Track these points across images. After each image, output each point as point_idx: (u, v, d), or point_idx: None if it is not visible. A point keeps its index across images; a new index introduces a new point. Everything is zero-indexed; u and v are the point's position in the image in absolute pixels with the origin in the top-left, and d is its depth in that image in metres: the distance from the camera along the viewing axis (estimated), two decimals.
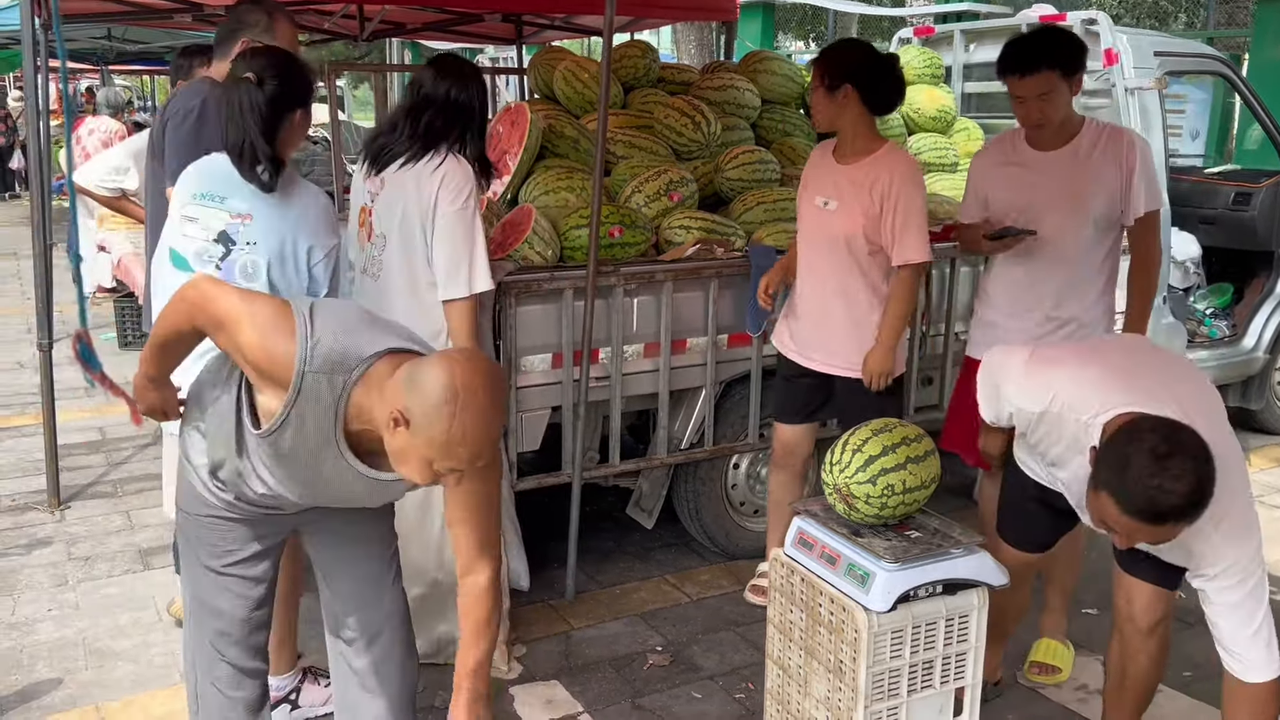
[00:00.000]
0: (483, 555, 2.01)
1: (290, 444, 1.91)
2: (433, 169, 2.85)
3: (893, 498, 2.46)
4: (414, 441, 1.74)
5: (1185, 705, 3.04)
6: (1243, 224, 5.42)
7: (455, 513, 1.99)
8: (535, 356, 3.38)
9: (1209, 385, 2.42)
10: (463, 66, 2.99)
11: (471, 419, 1.71)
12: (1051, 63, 2.97)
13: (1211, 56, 5.40)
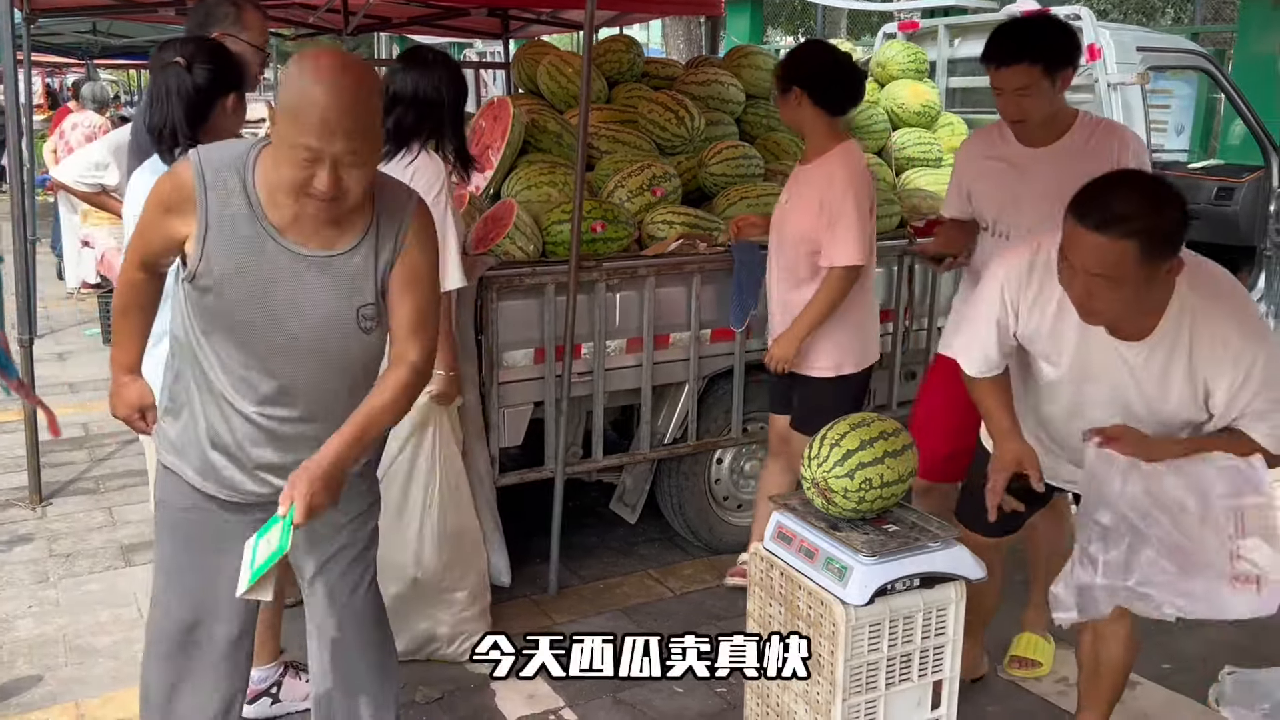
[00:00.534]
0: (415, 338, 2.01)
1: (221, 269, 1.90)
2: (404, 167, 2.86)
3: (870, 492, 2.46)
4: (279, 129, 1.80)
5: (1164, 697, 3.07)
6: (1226, 219, 5.45)
7: (393, 294, 1.99)
8: (518, 352, 3.38)
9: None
10: (428, 58, 2.98)
11: (323, 88, 1.76)
12: (1033, 56, 2.80)
13: (1194, 52, 5.42)
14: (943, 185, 4.87)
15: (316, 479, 1.89)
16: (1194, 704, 3.03)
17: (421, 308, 2.02)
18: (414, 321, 2.01)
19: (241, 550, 1.99)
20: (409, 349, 2.02)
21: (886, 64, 5.20)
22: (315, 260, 1.94)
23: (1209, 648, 3.34)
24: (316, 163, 1.79)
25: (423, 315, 2.02)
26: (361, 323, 1.99)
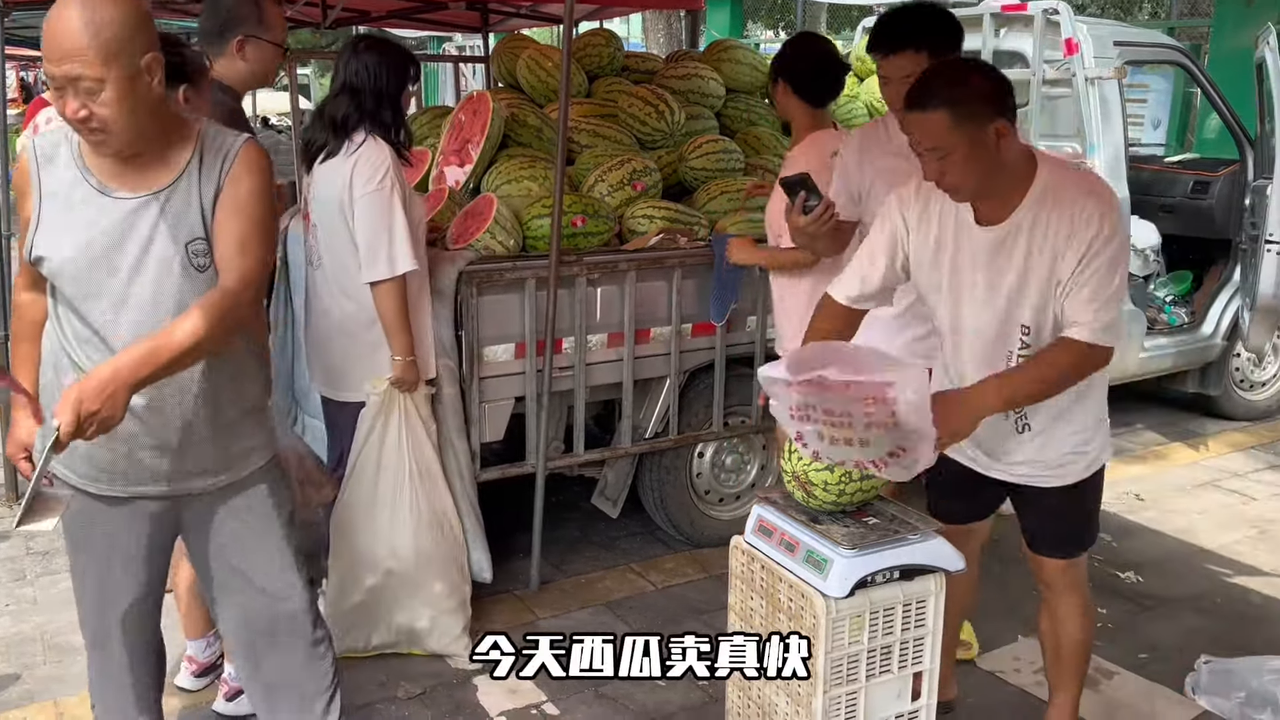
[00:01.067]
0: (234, 261, 1.95)
1: (52, 233, 1.90)
2: (349, 154, 2.88)
3: (850, 485, 2.47)
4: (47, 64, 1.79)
5: (1141, 687, 3.10)
6: (1201, 212, 5.49)
7: (219, 220, 1.95)
8: (498, 347, 3.38)
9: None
10: (367, 45, 2.97)
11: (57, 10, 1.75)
12: (919, 43, 2.67)
13: (1170, 46, 5.46)
14: None
15: (88, 388, 1.74)
16: (1171, 693, 3.07)
17: (243, 234, 1.95)
18: (234, 246, 1.95)
19: (132, 547, 2.03)
20: (227, 272, 1.95)
21: (866, 58, 5.20)
22: (136, 202, 1.91)
23: (1185, 637, 3.37)
24: (63, 90, 1.79)
25: (243, 241, 1.95)
26: (193, 259, 1.94)
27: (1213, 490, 4.70)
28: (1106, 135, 4.80)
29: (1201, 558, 4.00)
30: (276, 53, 3.04)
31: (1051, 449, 2.48)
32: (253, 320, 2.07)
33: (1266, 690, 2.90)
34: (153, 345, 1.82)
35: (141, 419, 1.97)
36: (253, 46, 2.98)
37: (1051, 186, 2.24)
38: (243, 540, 2.15)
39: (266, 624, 2.20)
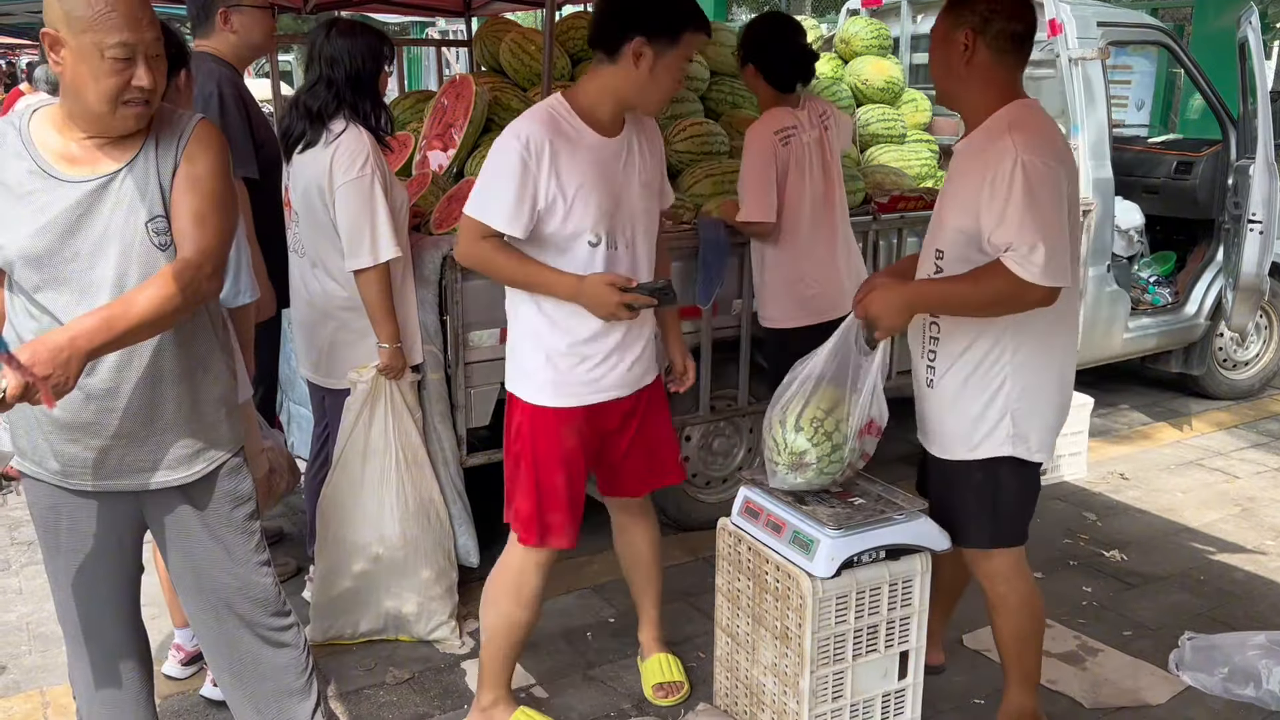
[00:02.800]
0: (191, 233, 1.92)
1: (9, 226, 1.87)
2: (328, 143, 2.86)
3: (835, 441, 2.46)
4: (76, 40, 1.77)
5: (1125, 664, 3.12)
6: (1184, 193, 5.51)
7: (176, 193, 1.93)
8: (483, 331, 3.36)
9: None
10: (340, 30, 2.92)
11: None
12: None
13: (1153, 27, 5.46)
14: (905, 162, 4.91)
15: (40, 351, 1.68)
16: (1155, 669, 3.09)
17: (200, 208, 1.93)
18: (192, 220, 1.93)
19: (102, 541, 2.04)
20: (185, 245, 1.92)
21: (850, 40, 5.20)
22: (93, 184, 1.89)
23: (1169, 614, 3.40)
24: (131, 61, 1.79)
25: (200, 214, 1.93)
26: (154, 237, 1.92)
27: (1196, 469, 4.73)
28: (1090, 116, 4.81)
29: (1185, 536, 4.03)
30: (264, 15, 3.01)
31: (945, 415, 2.48)
32: (213, 297, 2.03)
33: (1249, 665, 2.93)
34: (109, 313, 1.78)
35: (111, 409, 1.96)
36: (237, 15, 2.95)
37: (1004, 121, 2.27)
38: (204, 536, 2.12)
39: (232, 618, 2.17)
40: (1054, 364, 2.43)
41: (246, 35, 2.98)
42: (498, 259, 2.40)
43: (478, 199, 2.37)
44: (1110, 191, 4.90)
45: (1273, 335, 5.76)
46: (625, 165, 2.46)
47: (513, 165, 2.30)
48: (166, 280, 1.85)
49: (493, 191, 2.34)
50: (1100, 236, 4.86)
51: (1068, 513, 4.22)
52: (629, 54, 2.29)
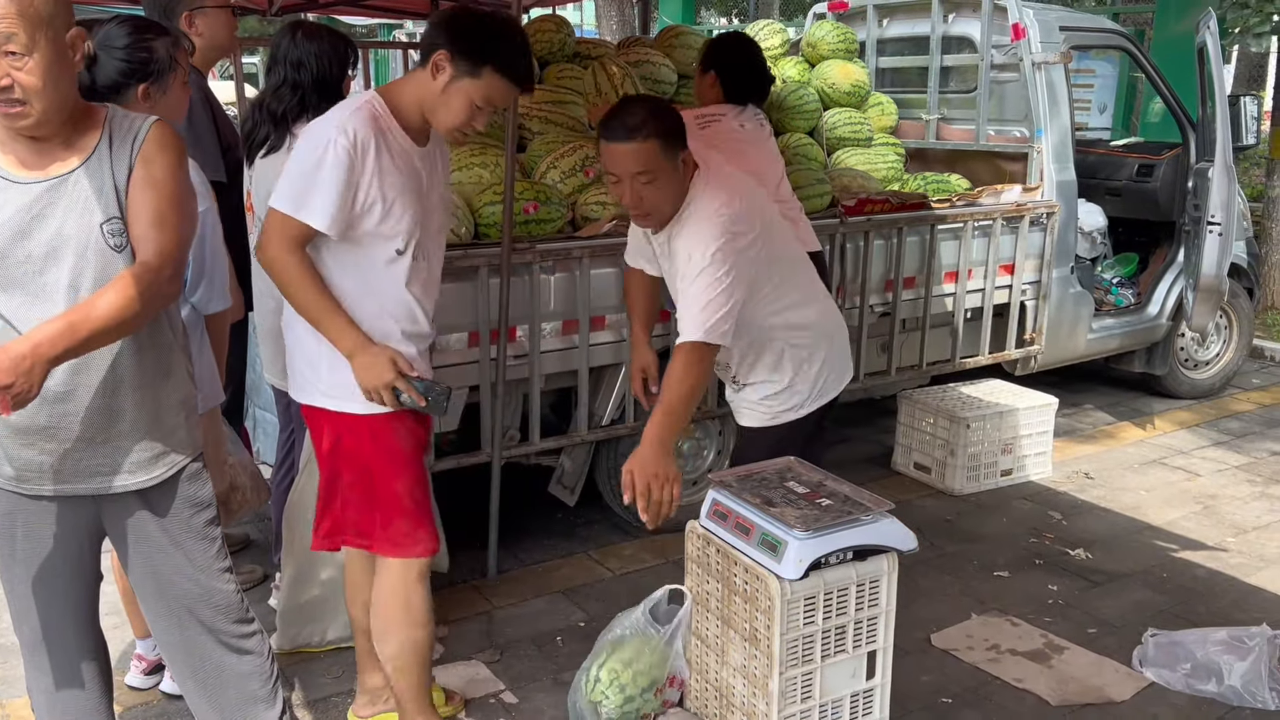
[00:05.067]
0: (149, 235, 1.89)
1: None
2: (291, 148, 2.81)
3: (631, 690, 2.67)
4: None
5: (1090, 661, 3.15)
6: (1146, 195, 5.58)
7: (133, 196, 1.89)
8: (451, 335, 3.35)
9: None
10: (305, 33, 2.89)
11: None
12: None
13: (1114, 31, 5.53)
14: (872, 165, 4.94)
15: (2, 361, 1.67)
16: (1119, 666, 3.12)
17: (158, 210, 1.89)
18: (150, 222, 1.88)
19: (59, 547, 1.99)
20: (144, 247, 1.88)
21: (817, 44, 5.23)
22: (45, 185, 1.85)
23: (1133, 611, 3.44)
24: (8, 37, 1.72)
25: (159, 215, 1.89)
26: (109, 239, 1.87)
27: (1159, 468, 4.79)
28: (1054, 119, 4.86)
29: (1149, 534, 4.08)
30: (227, 16, 2.98)
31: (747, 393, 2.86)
32: (173, 300, 2.00)
33: (1211, 661, 2.97)
34: (71, 319, 1.76)
35: (68, 414, 1.92)
36: (201, 17, 2.91)
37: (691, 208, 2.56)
38: (164, 541, 2.09)
39: (194, 625, 2.14)
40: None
41: (211, 37, 2.95)
42: (303, 281, 2.21)
43: (294, 193, 2.18)
44: (1073, 194, 4.97)
45: (1233, 335, 5.85)
46: (430, 176, 2.37)
47: (340, 161, 2.15)
48: (127, 284, 1.82)
49: (316, 186, 2.16)
50: (1063, 238, 4.92)
51: (1033, 512, 4.26)
52: (432, 63, 2.22)
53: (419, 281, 2.37)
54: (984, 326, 4.77)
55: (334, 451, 2.40)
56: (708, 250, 2.46)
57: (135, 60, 2.39)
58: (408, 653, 2.50)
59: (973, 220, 4.54)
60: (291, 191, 2.19)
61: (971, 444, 4.38)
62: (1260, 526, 4.15)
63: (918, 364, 4.60)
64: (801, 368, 2.79)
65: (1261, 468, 4.79)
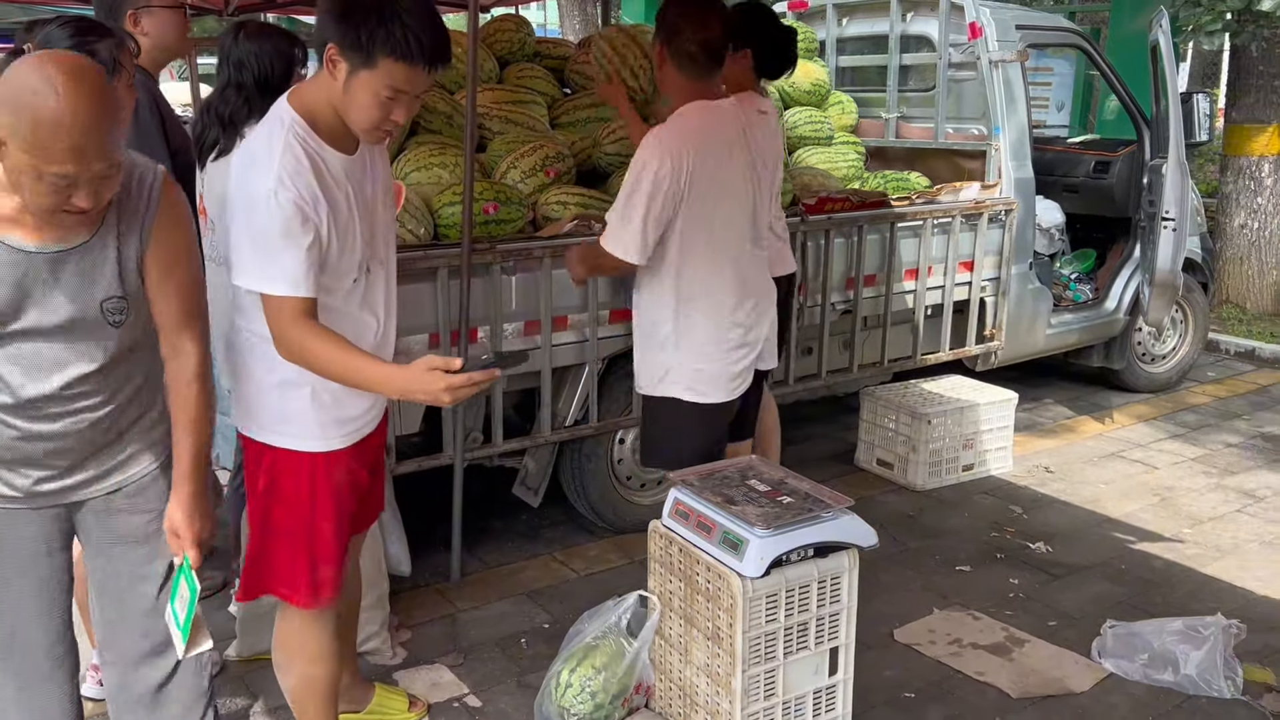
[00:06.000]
0: (187, 332, 1.92)
1: None
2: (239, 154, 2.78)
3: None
4: (16, 155, 1.63)
5: (1050, 653, 3.18)
6: (1102, 191, 5.65)
7: (151, 288, 1.88)
8: (411, 337, 3.32)
9: None
10: (248, 33, 2.84)
11: (55, 104, 1.59)
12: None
13: (1070, 30, 5.60)
14: (833, 164, 4.97)
15: (191, 515, 1.91)
16: (1079, 658, 3.16)
17: (188, 292, 1.91)
18: (182, 310, 1.91)
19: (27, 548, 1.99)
20: (184, 342, 1.92)
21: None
22: (47, 257, 1.80)
23: (1092, 603, 3.48)
24: (73, 186, 1.68)
25: (191, 300, 1.92)
26: (108, 317, 1.86)
27: (1118, 461, 4.86)
28: (1011, 117, 4.91)
29: (1108, 526, 4.13)
30: (175, 16, 2.92)
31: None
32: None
33: (1168, 651, 3.01)
34: (193, 453, 1.98)
35: (60, 450, 1.93)
36: (148, 17, 2.86)
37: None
38: (131, 539, 2.08)
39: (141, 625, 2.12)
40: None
41: (158, 38, 2.89)
42: (319, 347, 2.02)
43: (272, 272, 1.99)
44: (1031, 191, 5.02)
45: (1188, 329, 5.94)
46: (371, 179, 2.22)
47: (296, 220, 1.97)
48: (201, 389, 1.99)
49: (288, 255, 1.98)
50: (1022, 235, 4.97)
51: (994, 506, 4.31)
52: (325, 61, 2.01)
53: (379, 290, 2.30)
54: (944, 323, 4.81)
55: (269, 490, 2.24)
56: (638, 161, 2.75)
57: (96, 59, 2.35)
58: (305, 688, 2.41)
59: (932, 218, 4.57)
60: (269, 270, 2.00)
61: (933, 440, 4.42)
62: (1215, 517, 4.22)
63: (879, 361, 4.63)
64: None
65: (1216, 459, 4.87)
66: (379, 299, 2.29)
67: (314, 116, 2.06)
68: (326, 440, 2.22)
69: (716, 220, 2.84)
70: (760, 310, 3.00)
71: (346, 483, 2.29)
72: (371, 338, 2.27)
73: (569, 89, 4.54)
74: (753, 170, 2.93)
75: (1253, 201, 7.30)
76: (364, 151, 2.19)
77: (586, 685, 2.68)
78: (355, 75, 1.98)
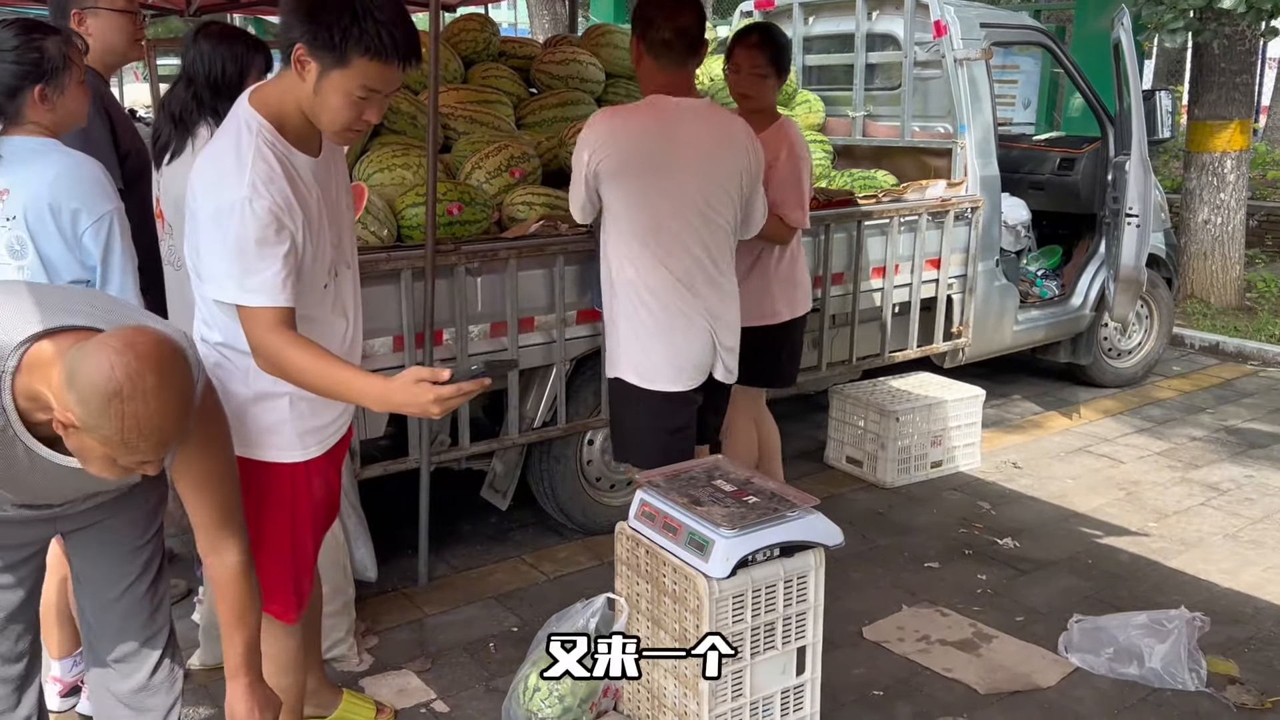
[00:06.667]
0: (225, 531, 1.92)
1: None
2: (196, 152, 2.74)
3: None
4: (89, 441, 1.62)
5: (1017, 648, 3.20)
6: (1067, 188, 5.69)
7: (185, 492, 1.88)
8: (375, 340, 3.29)
9: None
10: (205, 34, 2.81)
11: (143, 409, 1.56)
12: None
13: (1033, 28, 5.63)
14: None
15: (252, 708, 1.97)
16: (1046, 653, 3.18)
17: (222, 500, 1.92)
18: (219, 517, 1.92)
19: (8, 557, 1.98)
20: (223, 541, 1.94)
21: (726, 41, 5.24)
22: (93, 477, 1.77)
23: (1059, 598, 3.50)
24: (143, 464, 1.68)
25: (229, 506, 1.93)
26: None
27: (1084, 455, 4.89)
28: (976, 115, 4.94)
29: (1075, 521, 4.16)
30: (122, 20, 2.88)
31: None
32: None
33: (1133, 645, 3.04)
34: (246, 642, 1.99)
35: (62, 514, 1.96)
36: (93, 18, 2.81)
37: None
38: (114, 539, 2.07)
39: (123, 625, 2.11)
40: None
41: (102, 39, 2.84)
42: (298, 357, 1.96)
43: (250, 283, 1.93)
44: (997, 188, 5.04)
45: (1153, 324, 6.00)
46: (335, 180, 2.18)
47: (272, 229, 1.93)
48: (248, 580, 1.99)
49: (265, 265, 1.93)
50: (988, 232, 5.00)
51: (963, 502, 4.33)
52: (294, 62, 1.94)
53: (347, 290, 2.27)
54: (912, 320, 4.83)
55: (259, 506, 2.19)
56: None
57: (26, 61, 2.32)
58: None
59: (899, 216, 4.59)
60: (246, 280, 1.94)
61: (901, 437, 4.43)
62: (1180, 511, 4.26)
63: (848, 359, 4.64)
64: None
65: (1181, 453, 4.92)
66: (348, 301, 2.27)
67: (280, 119, 2.01)
68: (305, 449, 2.20)
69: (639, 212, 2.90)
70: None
71: (322, 490, 2.28)
72: (341, 340, 2.24)
73: (535, 89, 4.52)
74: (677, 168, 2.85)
75: (1216, 197, 7.38)
76: (326, 152, 2.15)
77: (555, 689, 2.66)
78: (327, 75, 1.93)
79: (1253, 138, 8.13)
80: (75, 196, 2.37)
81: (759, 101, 3.38)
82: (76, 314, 1.75)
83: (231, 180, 1.93)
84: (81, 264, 2.41)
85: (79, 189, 2.38)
